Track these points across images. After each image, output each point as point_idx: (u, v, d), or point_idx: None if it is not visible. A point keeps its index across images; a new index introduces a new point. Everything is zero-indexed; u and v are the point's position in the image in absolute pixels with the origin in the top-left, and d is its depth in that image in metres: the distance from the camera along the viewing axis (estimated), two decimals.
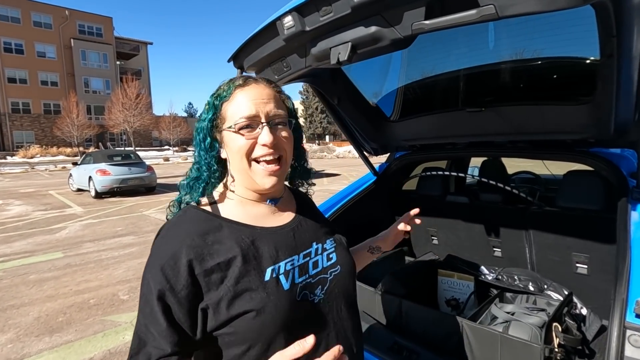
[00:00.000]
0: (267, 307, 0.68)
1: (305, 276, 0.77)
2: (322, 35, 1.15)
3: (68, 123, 31.12)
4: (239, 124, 0.74)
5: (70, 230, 6.94)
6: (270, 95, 0.78)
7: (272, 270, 0.73)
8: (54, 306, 3.66)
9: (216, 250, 0.71)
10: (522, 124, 1.65)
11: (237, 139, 0.75)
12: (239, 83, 0.78)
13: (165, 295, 0.67)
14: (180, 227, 0.74)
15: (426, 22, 0.93)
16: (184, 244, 0.70)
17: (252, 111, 0.75)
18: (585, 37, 1.32)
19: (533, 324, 1.44)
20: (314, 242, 0.84)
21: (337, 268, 0.84)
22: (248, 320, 0.67)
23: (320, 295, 0.78)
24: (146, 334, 0.67)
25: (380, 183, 2.42)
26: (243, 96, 0.76)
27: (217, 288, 0.68)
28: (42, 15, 35.92)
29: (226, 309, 0.67)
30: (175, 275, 0.67)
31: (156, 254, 0.72)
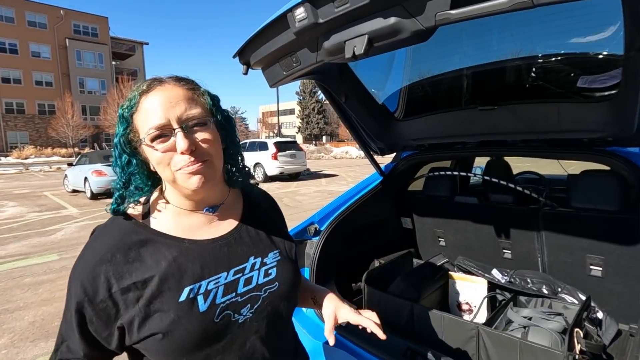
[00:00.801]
0: (176, 330, 0.66)
1: (232, 295, 0.73)
2: (336, 27, 1.09)
3: (63, 124, 30.86)
4: (150, 135, 0.68)
5: (66, 231, 6.83)
6: (179, 95, 0.70)
7: (190, 290, 0.69)
8: (50, 310, 3.57)
9: (135, 268, 0.68)
10: (536, 122, 1.60)
11: (152, 151, 0.69)
12: (142, 89, 0.70)
13: (83, 308, 0.67)
14: (104, 240, 0.72)
15: (452, 12, 0.87)
16: (104, 260, 0.68)
17: (161, 119, 0.68)
18: (606, 31, 1.27)
19: (552, 329, 1.39)
20: (251, 256, 0.79)
21: (275, 285, 0.78)
22: (156, 342, 0.67)
23: (248, 315, 0.74)
24: (66, 334, 0.70)
25: (387, 183, 2.36)
26: (149, 103, 0.69)
27: (132, 308, 0.67)
28: (37, 15, 35.58)
29: (137, 330, 0.67)
30: (94, 291, 0.67)
31: (79, 265, 0.70)
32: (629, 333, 1.66)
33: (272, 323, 0.77)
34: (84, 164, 11.22)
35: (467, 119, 1.83)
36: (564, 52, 1.47)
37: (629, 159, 1.50)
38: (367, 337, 1.55)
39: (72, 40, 37.12)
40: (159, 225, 0.74)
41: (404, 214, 2.60)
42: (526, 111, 1.62)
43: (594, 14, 1.26)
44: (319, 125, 52.97)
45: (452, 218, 2.32)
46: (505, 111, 1.67)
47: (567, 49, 1.46)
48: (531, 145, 1.79)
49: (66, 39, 36.83)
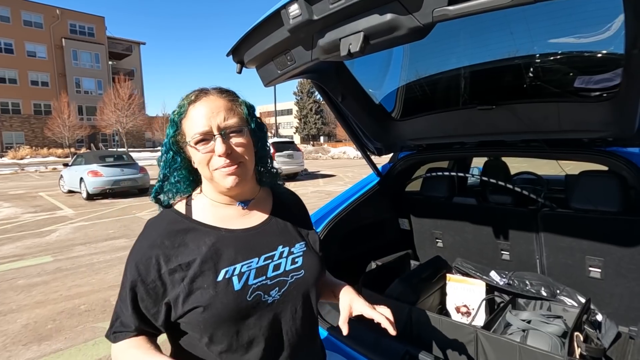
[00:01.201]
0: (215, 304, 0.77)
1: (262, 278, 0.83)
2: (331, 24, 1.06)
3: (59, 124, 30.60)
4: (194, 139, 0.80)
5: (61, 233, 6.77)
6: (220, 106, 0.82)
7: (226, 271, 0.80)
8: (43, 313, 3.52)
9: (180, 252, 0.80)
10: (536, 122, 1.58)
11: (196, 152, 0.82)
12: (191, 99, 0.83)
13: (136, 287, 0.79)
14: (155, 226, 0.85)
15: (450, 8, 0.85)
16: (155, 245, 0.80)
17: (204, 126, 0.80)
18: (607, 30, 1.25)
19: (552, 333, 1.37)
20: (280, 245, 0.89)
21: (301, 272, 0.88)
22: (197, 314, 0.77)
23: (276, 297, 0.83)
24: (120, 312, 0.81)
25: (384, 184, 2.33)
26: (195, 112, 0.82)
27: (177, 286, 0.78)
28: (33, 15, 35.33)
29: (182, 304, 0.78)
30: (147, 272, 0.79)
31: (134, 250, 0.83)
32: (628, 336, 1.64)
33: (296, 306, 0.86)
34: (80, 164, 11.13)
35: (466, 119, 1.81)
36: (563, 51, 1.45)
37: (630, 159, 1.48)
38: (365, 342, 1.52)
39: (69, 40, 36.89)
40: (199, 216, 0.86)
41: (402, 215, 2.57)
42: (525, 111, 1.60)
43: (594, 11, 1.23)
44: (317, 125, 52.93)
45: (450, 219, 2.30)
46: (504, 111, 1.64)
47: (566, 48, 1.44)
48: (531, 146, 1.76)
49: (62, 38, 36.60)
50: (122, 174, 10.82)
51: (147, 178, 11.47)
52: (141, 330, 0.80)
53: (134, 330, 0.79)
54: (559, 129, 1.53)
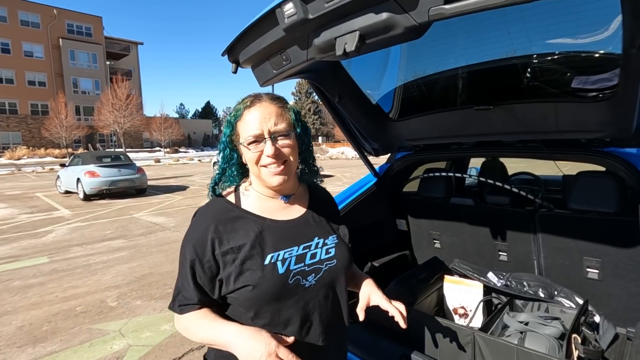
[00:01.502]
0: (263, 284, 0.88)
1: (301, 264, 0.93)
2: (326, 23, 1.04)
3: (56, 124, 30.44)
4: (247, 140, 0.92)
5: (57, 233, 6.72)
6: (272, 112, 0.93)
7: (272, 256, 0.91)
8: (39, 314, 3.49)
9: (232, 237, 0.91)
10: (533, 122, 1.57)
11: (247, 152, 0.93)
12: (246, 104, 0.94)
13: (195, 265, 0.90)
14: (209, 213, 0.96)
15: (446, 7, 0.83)
16: (211, 228, 0.91)
17: (257, 130, 0.91)
18: (605, 30, 1.24)
19: (549, 335, 1.36)
20: (316, 236, 1.00)
21: (333, 262, 0.99)
22: (247, 292, 0.88)
23: (312, 282, 0.94)
24: (182, 288, 0.93)
25: (381, 185, 2.32)
26: (249, 116, 0.93)
27: (229, 266, 0.89)
28: (30, 14, 35.16)
29: (233, 282, 0.89)
30: (203, 251, 0.90)
31: (190, 234, 0.94)
32: (626, 337, 1.63)
33: (329, 291, 0.98)
34: (77, 164, 11.07)
35: (463, 119, 1.80)
36: (561, 50, 1.44)
37: (627, 159, 1.47)
38: (362, 344, 1.51)
39: (66, 40, 36.73)
40: (247, 206, 0.98)
41: (399, 216, 2.56)
42: (523, 111, 1.59)
43: (591, 11, 1.23)
44: (315, 125, 52.91)
45: (447, 220, 2.29)
46: (502, 111, 1.64)
47: (564, 48, 1.43)
48: (528, 146, 1.76)
49: (60, 38, 36.44)
50: (120, 174, 10.77)
51: (144, 178, 11.42)
52: (203, 302, 0.92)
53: (197, 303, 0.91)
54: (556, 129, 1.52)
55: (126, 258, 5.20)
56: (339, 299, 1.01)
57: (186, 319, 0.93)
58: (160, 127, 37.05)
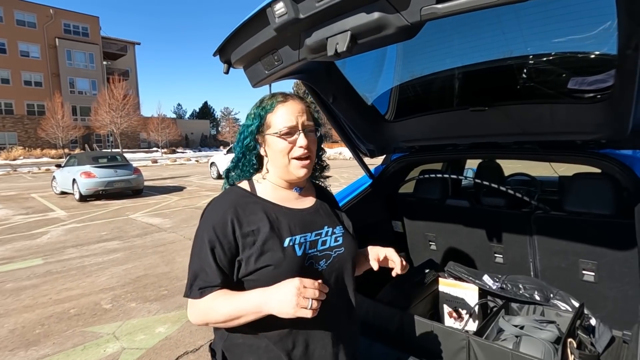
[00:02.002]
0: (283, 264, 0.92)
1: (314, 250, 1.00)
2: (318, 23, 1.03)
3: (53, 124, 30.29)
4: (282, 131, 0.97)
5: (52, 235, 6.67)
6: (304, 109, 1.01)
7: (290, 240, 0.96)
8: (32, 317, 3.45)
9: (251, 220, 0.95)
10: (529, 123, 1.55)
11: (280, 142, 0.98)
12: (280, 99, 1.01)
13: (215, 247, 0.92)
14: (227, 198, 1.00)
15: (438, 7, 0.82)
16: (230, 211, 0.95)
17: (292, 122, 0.98)
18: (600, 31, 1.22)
19: (545, 339, 1.34)
20: (325, 225, 1.06)
21: (342, 249, 1.05)
22: (268, 271, 0.92)
23: (324, 266, 1.00)
24: (200, 271, 0.93)
25: (376, 186, 2.30)
26: (285, 110, 0.99)
27: (250, 247, 0.93)
28: (26, 14, 35.00)
29: (254, 262, 0.92)
30: (223, 233, 0.93)
31: (209, 216, 0.97)
32: (622, 340, 1.62)
33: (338, 276, 1.03)
34: (73, 165, 11.00)
35: (459, 120, 1.78)
36: (556, 51, 1.43)
37: (623, 161, 1.46)
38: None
39: (62, 40, 36.59)
40: (263, 194, 1.03)
41: (395, 217, 2.54)
42: (518, 112, 1.58)
43: (587, 11, 1.21)
44: None
45: (443, 221, 2.27)
46: (497, 112, 1.62)
47: (559, 49, 1.41)
48: (524, 147, 1.74)
49: (56, 38, 36.29)
50: (116, 175, 10.72)
51: (141, 179, 11.36)
52: (224, 284, 0.93)
53: (220, 284, 0.92)
54: (552, 130, 1.50)
55: (121, 259, 5.16)
56: (348, 283, 1.07)
57: (206, 301, 0.92)
58: (157, 127, 36.95)
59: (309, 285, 0.83)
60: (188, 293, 0.94)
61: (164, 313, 3.46)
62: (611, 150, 1.53)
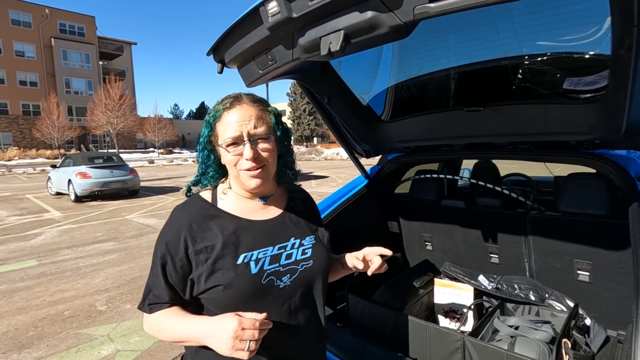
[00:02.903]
0: (234, 284, 0.86)
1: (276, 265, 0.92)
2: (311, 22, 1.02)
3: (48, 124, 30.09)
4: (226, 142, 0.90)
5: (47, 236, 6.62)
6: (252, 115, 0.91)
7: (245, 256, 0.89)
8: (25, 319, 3.41)
9: (206, 236, 0.90)
10: (523, 124, 1.55)
11: (226, 154, 0.92)
12: (226, 106, 0.92)
13: (167, 263, 0.89)
14: (185, 212, 0.95)
15: (431, 6, 0.81)
16: (184, 227, 0.90)
17: (236, 132, 0.90)
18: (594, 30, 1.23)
19: (540, 339, 1.34)
20: (292, 237, 0.99)
21: (310, 262, 0.97)
22: (218, 292, 0.87)
23: (287, 282, 0.92)
24: (152, 286, 0.91)
25: (372, 186, 2.30)
26: (229, 118, 0.91)
27: (202, 265, 0.88)
28: (21, 14, 34.75)
29: (204, 282, 0.87)
30: (176, 250, 0.89)
31: (165, 231, 0.93)
32: (617, 340, 1.62)
33: (305, 293, 0.96)
34: (68, 165, 10.92)
35: (454, 121, 1.78)
36: (551, 52, 1.43)
37: (617, 162, 1.46)
38: (352, 350, 1.48)
39: (58, 40, 36.34)
40: (224, 206, 0.96)
41: (391, 218, 2.54)
42: (513, 113, 1.58)
43: (581, 11, 1.21)
44: (310, 126, 52.88)
45: (439, 222, 2.27)
46: (492, 112, 1.62)
47: (553, 49, 1.41)
48: (518, 148, 1.74)
49: (52, 38, 36.04)
50: (112, 175, 10.65)
51: (137, 180, 11.30)
52: (174, 301, 0.90)
53: (168, 302, 0.89)
54: (546, 131, 1.51)
55: (117, 261, 5.12)
56: (315, 300, 0.99)
57: (155, 318, 0.91)
58: (154, 127, 36.76)
59: (248, 326, 0.78)
60: (141, 306, 0.92)
61: None
62: (605, 151, 1.53)
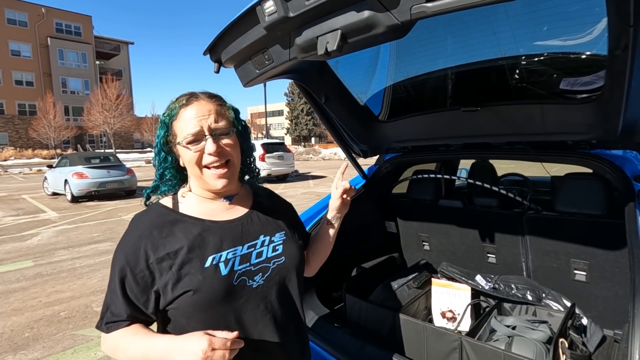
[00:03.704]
0: (203, 288, 0.82)
1: (246, 264, 0.89)
2: (308, 22, 1.02)
3: (44, 124, 29.90)
4: (186, 139, 0.86)
5: (43, 236, 6.58)
6: (210, 110, 0.89)
7: (213, 258, 0.85)
8: (20, 320, 3.39)
9: (168, 242, 0.85)
10: (520, 124, 1.56)
11: (187, 152, 0.88)
12: (182, 103, 0.89)
13: (125, 277, 0.83)
14: (143, 220, 0.89)
15: (428, 5, 0.81)
16: (143, 236, 0.85)
17: (196, 127, 0.86)
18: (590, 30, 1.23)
19: (537, 339, 1.34)
20: (261, 234, 0.96)
21: (282, 259, 0.95)
22: (187, 298, 0.82)
23: (260, 281, 0.90)
24: (110, 303, 0.84)
25: (369, 187, 2.30)
26: (187, 114, 0.88)
27: (166, 273, 0.82)
28: (17, 13, 34.54)
29: (171, 290, 0.82)
30: (135, 261, 0.83)
31: (123, 242, 0.87)
32: (613, 339, 1.63)
33: (280, 291, 0.93)
34: (65, 165, 10.86)
35: (451, 121, 1.78)
36: (547, 52, 1.43)
37: (613, 161, 1.46)
38: (349, 351, 1.48)
39: (54, 39, 36.15)
40: (186, 210, 0.92)
41: (388, 218, 2.54)
42: (510, 113, 1.58)
43: (578, 11, 1.21)
44: (308, 126, 52.85)
45: (436, 222, 2.27)
46: (489, 112, 1.62)
47: (550, 49, 1.41)
48: (515, 148, 1.74)
49: (48, 37, 35.85)
50: (109, 175, 10.60)
51: (134, 180, 11.25)
52: (133, 318, 0.84)
53: (127, 319, 0.83)
54: (543, 131, 1.51)
55: None
56: (292, 296, 0.97)
57: (114, 337, 0.83)
58: (151, 127, 36.58)
59: (219, 346, 0.71)
60: (99, 325, 0.85)
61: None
62: (602, 151, 1.54)
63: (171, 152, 0.92)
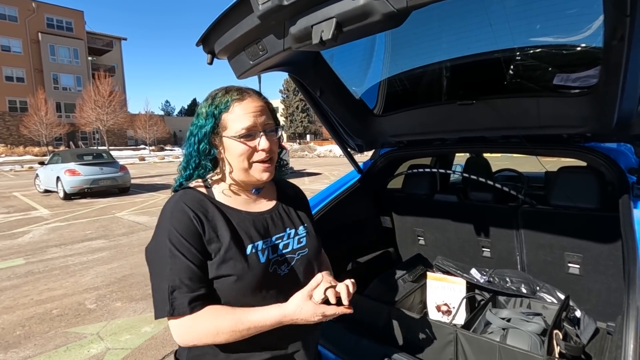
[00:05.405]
0: (247, 275, 0.86)
1: (276, 255, 0.94)
2: (302, 10, 0.99)
3: (36, 121, 29.50)
4: (242, 133, 0.89)
5: (35, 234, 6.50)
6: (263, 107, 0.93)
7: (252, 247, 0.90)
8: (11, 318, 3.35)
9: (214, 226, 0.88)
10: (515, 117, 1.55)
11: (239, 145, 0.90)
12: (235, 97, 0.91)
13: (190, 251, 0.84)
14: (186, 202, 0.89)
15: None
16: (191, 216, 0.87)
17: (251, 123, 0.90)
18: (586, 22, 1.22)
19: (531, 331, 1.34)
20: (287, 227, 1.01)
21: (305, 250, 1.00)
22: (230, 283, 0.86)
23: (285, 270, 0.94)
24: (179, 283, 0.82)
25: (364, 181, 2.29)
26: (241, 109, 0.90)
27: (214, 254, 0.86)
28: (6, 8, 33.92)
29: (216, 269, 0.85)
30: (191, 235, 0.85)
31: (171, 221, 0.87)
32: (606, 331, 1.64)
33: (302, 279, 0.96)
34: (57, 162, 10.73)
35: (446, 115, 1.78)
36: (543, 45, 1.43)
37: (608, 154, 1.47)
38: (344, 345, 1.47)
39: (45, 35, 35.59)
40: (220, 199, 0.95)
41: (383, 213, 2.53)
42: (505, 106, 1.58)
43: (573, 2, 1.21)
44: (303, 123, 52.74)
45: (431, 217, 2.27)
46: (484, 106, 1.62)
47: (546, 42, 1.41)
48: (510, 142, 1.75)
49: (39, 33, 35.28)
50: (102, 172, 10.50)
51: (127, 177, 11.15)
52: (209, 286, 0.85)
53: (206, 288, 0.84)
54: (538, 124, 1.51)
55: (106, 259, 5.05)
56: None
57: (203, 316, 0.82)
58: (145, 124, 36.29)
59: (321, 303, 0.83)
60: (170, 311, 0.81)
61: (151, 312, 3.39)
62: (596, 144, 1.54)
63: (214, 144, 0.93)
